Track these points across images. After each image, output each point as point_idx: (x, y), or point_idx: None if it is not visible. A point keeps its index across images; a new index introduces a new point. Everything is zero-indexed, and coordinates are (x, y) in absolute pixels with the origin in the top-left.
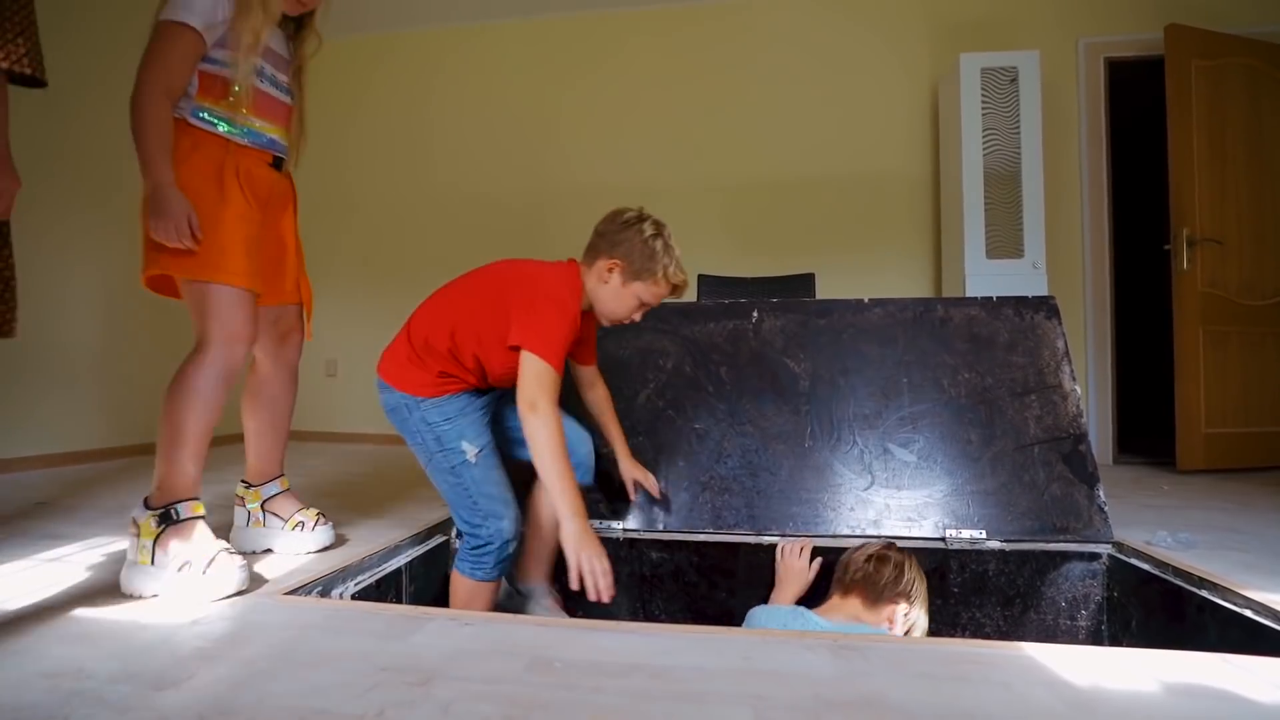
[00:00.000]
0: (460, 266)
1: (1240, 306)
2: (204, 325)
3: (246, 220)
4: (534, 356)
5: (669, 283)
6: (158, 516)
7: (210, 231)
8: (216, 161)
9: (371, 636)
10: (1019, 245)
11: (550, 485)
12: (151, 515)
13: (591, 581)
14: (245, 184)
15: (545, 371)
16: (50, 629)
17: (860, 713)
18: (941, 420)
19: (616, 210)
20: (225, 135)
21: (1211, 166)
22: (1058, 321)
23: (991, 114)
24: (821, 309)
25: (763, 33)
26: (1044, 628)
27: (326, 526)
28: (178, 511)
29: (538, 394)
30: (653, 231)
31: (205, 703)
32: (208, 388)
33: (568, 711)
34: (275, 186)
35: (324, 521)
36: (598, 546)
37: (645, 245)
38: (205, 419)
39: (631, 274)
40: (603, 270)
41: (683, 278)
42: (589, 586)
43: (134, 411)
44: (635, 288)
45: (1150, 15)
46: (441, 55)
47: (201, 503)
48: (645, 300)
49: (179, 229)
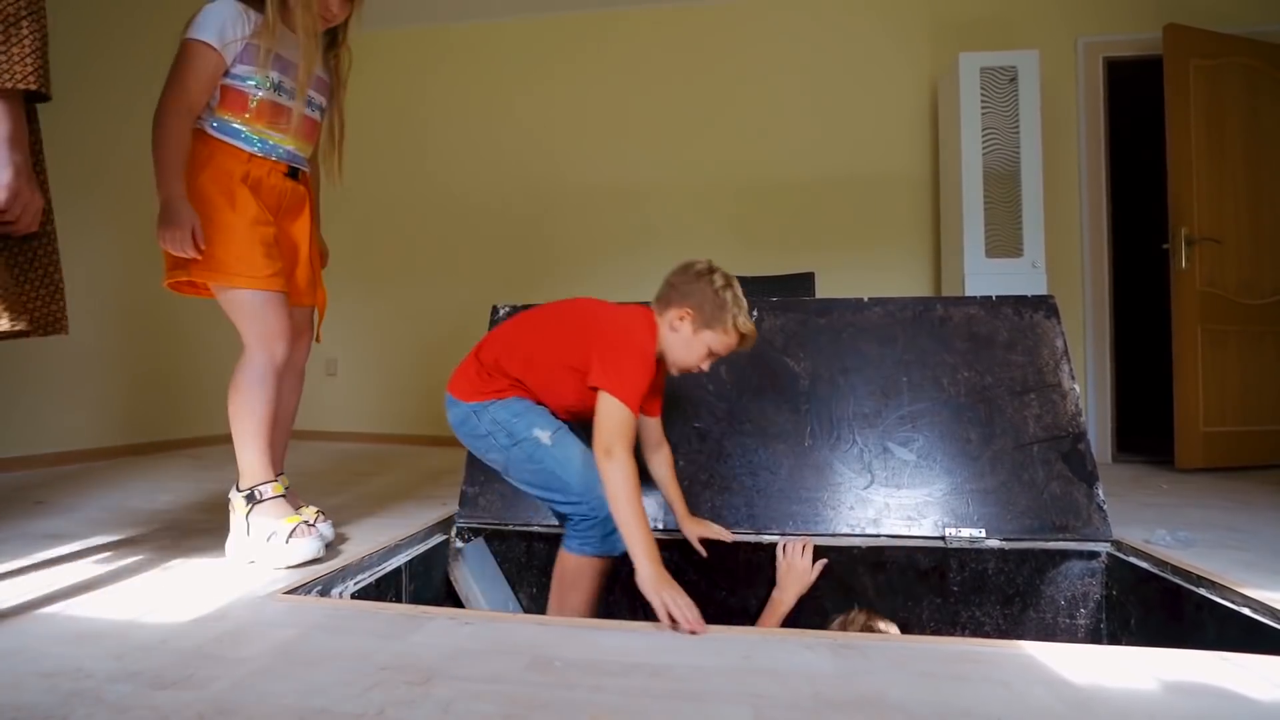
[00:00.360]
0: (459, 266)
1: (1239, 305)
2: (241, 329)
3: (262, 224)
4: (614, 400)
5: (738, 332)
6: (245, 497)
7: (227, 239)
8: (230, 171)
9: (371, 636)
10: (1018, 244)
11: (625, 530)
12: (241, 496)
13: (680, 616)
14: (256, 192)
15: (624, 417)
16: (49, 628)
17: (860, 711)
18: (941, 419)
19: (687, 261)
20: (240, 146)
21: (1210, 166)
22: (1057, 320)
23: (991, 113)
24: (821, 308)
25: (762, 32)
26: (1043, 626)
27: (326, 524)
28: (261, 492)
29: (614, 439)
30: (723, 283)
31: (205, 702)
32: (253, 385)
33: (567, 711)
34: (289, 195)
35: (323, 519)
36: (675, 586)
37: (716, 295)
38: (259, 412)
39: (702, 323)
40: (674, 319)
41: (751, 328)
42: (680, 620)
43: (133, 411)
44: (705, 336)
45: (1149, 15)
46: (439, 53)
47: (279, 483)
48: (714, 349)
49: (183, 239)
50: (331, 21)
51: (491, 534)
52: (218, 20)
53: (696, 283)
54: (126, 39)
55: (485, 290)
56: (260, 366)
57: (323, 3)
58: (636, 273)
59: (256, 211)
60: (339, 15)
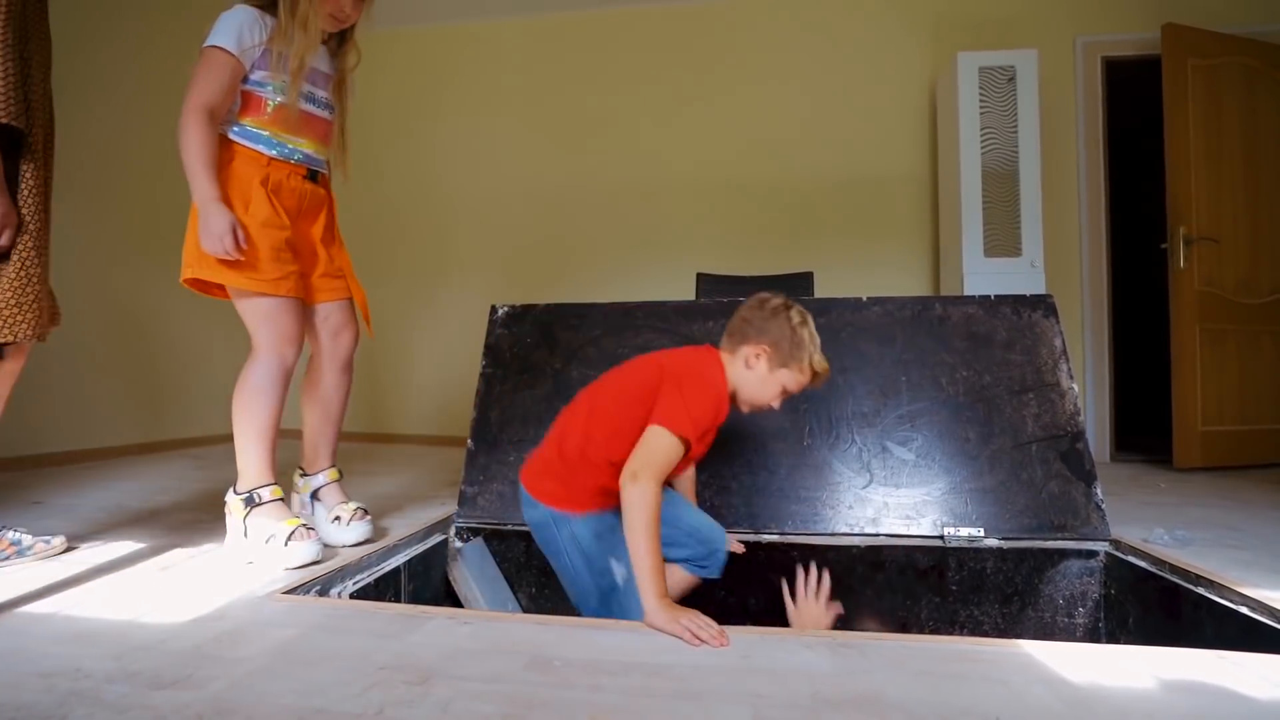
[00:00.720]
0: (460, 265)
1: (1237, 305)
2: (251, 331)
3: (273, 227)
4: (664, 431)
5: (813, 370)
6: (243, 500)
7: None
8: (249, 175)
9: (370, 635)
10: (1017, 244)
11: (636, 560)
12: (239, 499)
13: (707, 636)
14: (274, 195)
15: (669, 447)
16: (48, 628)
17: (858, 711)
18: (940, 418)
19: (761, 297)
20: (260, 150)
21: (1208, 165)
22: (1055, 320)
23: (989, 113)
24: (820, 307)
25: (761, 32)
26: (1042, 625)
27: (363, 522)
28: (259, 495)
29: (644, 465)
30: (800, 320)
31: (203, 701)
32: (259, 387)
33: (566, 710)
34: (308, 198)
35: (360, 517)
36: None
37: (794, 333)
38: (263, 415)
39: (779, 361)
40: (749, 356)
41: (825, 367)
42: (707, 640)
43: (132, 411)
44: (781, 374)
45: (1148, 15)
46: (436, 54)
47: (279, 486)
48: (789, 387)
49: (224, 242)
50: (344, 22)
51: (490, 534)
52: (234, 26)
53: (773, 319)
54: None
55: (486, 290)
56: (265, 370)
57: (336, 4)
58: (636, 272)
59: (268, 214)
60: (352, 16)
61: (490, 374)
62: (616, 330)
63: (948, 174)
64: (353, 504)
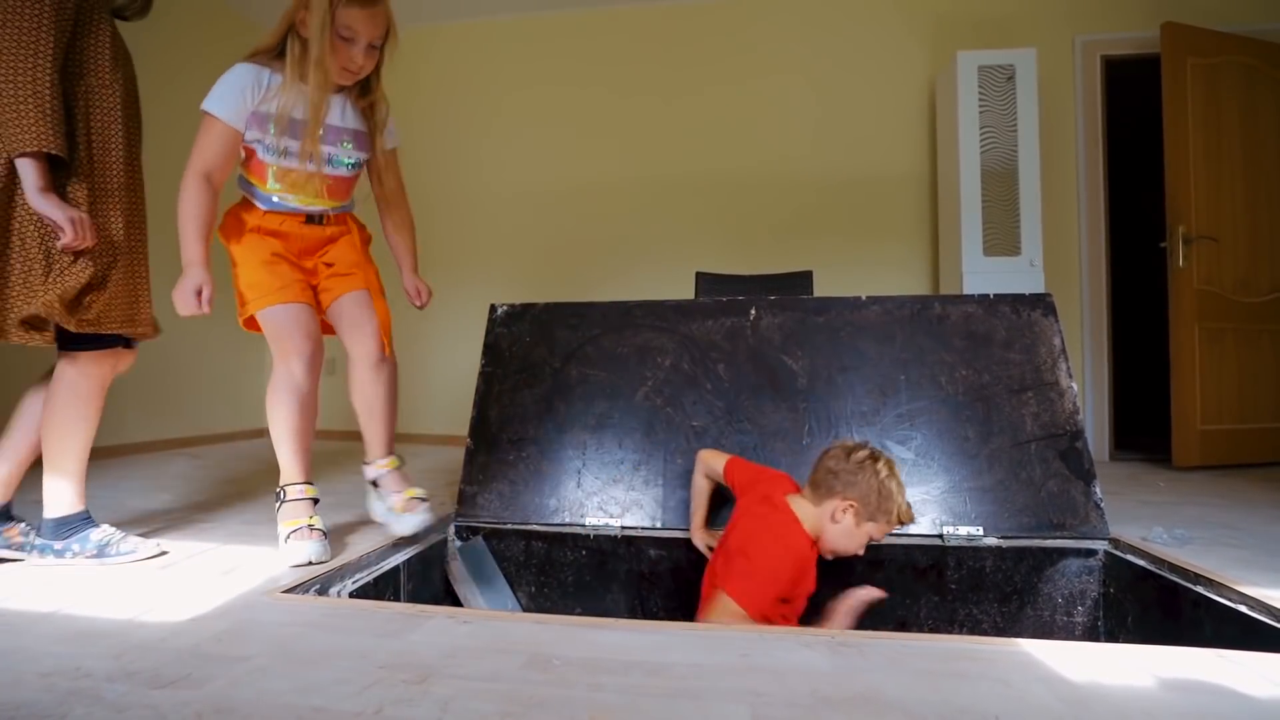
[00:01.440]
0: (460, 265)
1: (1236, 303)
2: (271, 347)
3: (258, 248)
4: (730, 600)
5: (900, 521)
6: (275, 497)
7: (237, 274)
8: (244, 220)
9: (369, 634)
10: (1016, 243)
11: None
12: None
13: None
14: (276, 236)
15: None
16: (47, 627)
17: (858, 709)
18: (939, 417)
19: (847, 446)
20: (256, 203)
21: (1207, 164)
22: (1054, 319)
23: (989, 112)
24: (819, 306)
25: (760, 31)
26: (1041, 624)
27: (414, 513)
28: (285, 493)
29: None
30: (887, 472)
31: (203, 701)
32: (276, 395)
33: (565, 709)
34: (311, 240)
35: (413, 507)
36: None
37: (882, 487)
38: (284, 420)
39: (866, 515)
40: (836, 510)
41: (911, 515)
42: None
43: (133, 411)
44: (868, 527)
45: (1147, 13)
46: (437, 54)
47: (313, 486)
48: (875, 537)
49: (186, 301)
50: (357, 75)
51: (490, 533)
52: (231, 91)
53: (860, 473)
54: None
55: (486, 289)
56: (282, 379)
57: (345, 57)
58: (636, 271)
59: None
60: (366, 67)
61: (489, 373)
62: (615, 329)
63: (947, 173)
64: (407, 494)
